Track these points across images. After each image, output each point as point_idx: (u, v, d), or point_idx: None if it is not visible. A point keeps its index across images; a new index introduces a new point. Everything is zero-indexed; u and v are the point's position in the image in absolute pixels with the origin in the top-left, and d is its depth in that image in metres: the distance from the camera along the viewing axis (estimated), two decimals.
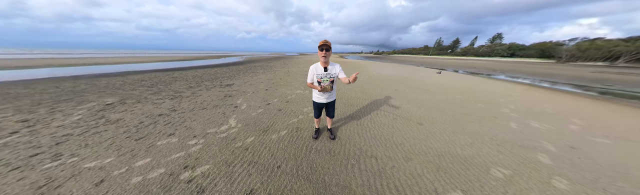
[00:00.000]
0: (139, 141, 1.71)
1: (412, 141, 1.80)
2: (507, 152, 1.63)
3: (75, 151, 1.54)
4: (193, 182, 1.21)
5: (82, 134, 1.83)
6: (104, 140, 1.73)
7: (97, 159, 1.44)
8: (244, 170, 1.35)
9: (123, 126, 2.04)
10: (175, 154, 1.51)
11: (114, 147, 1.61)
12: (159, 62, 12.39)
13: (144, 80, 5.06)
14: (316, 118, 1.73)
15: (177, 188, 1.16)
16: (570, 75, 9.58)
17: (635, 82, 7.40)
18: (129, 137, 1.80)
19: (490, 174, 1.34)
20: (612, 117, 2.80)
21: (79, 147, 1.59)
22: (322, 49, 1.24)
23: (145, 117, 2.31)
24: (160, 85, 4.38)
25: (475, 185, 1.22)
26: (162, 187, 1.17)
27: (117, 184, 1.18)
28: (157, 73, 6.76)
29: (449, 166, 1.42)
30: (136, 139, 1.75)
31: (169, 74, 6.59)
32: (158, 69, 8.48)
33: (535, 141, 1.87)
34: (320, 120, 1.79)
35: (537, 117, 2.62)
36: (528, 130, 2.14)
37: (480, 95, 3.93)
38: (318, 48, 1.26)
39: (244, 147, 1.63)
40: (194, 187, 1.17)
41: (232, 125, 2.10)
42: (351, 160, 1.48)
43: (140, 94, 3.54)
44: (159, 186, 1.17)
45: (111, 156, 1.47)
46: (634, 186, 1.25)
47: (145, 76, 5.87)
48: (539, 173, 1.36)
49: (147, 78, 5.51)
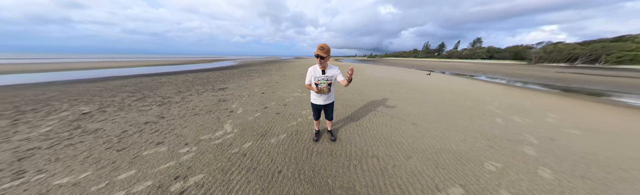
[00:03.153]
0: (121, 152, 1.56)
1: (410, 140, 1.84)
2: (497, 146, 1.73)
3: (43, 167, 1.35)
4: (185, 194, 1.11)
5: (52, 147, 1.63)
6: (79, 152, 1.55)
7: (70, 174, 1.28)
8: (242, 177, 1.27)
9: (102, 136, 1.86)
10: (165, 164, 1.40)
11: (92, 160, 1.45)
12: (145, 67, 11.74)
13: (126, 86, 4.72)
14: (315, 120, 1.72)
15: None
16: (539, 75, 10.64)
17: (588, 81, 8.47)
18: (109, 148, 1.63)
19: (484, 168, 1.40)
20: (579, 111, 3.15)
21: (47, 162, 1.41)
22: (317, 57, 1.23)
23: (129, 126, 2.13)
24: (145, 91, 4.12)
25: (471, 179, 1.27)
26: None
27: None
28: (142, 78, 6.38)
29: (446, 162, 1.46)
30: (118, 150, 1.60)
31: (156, 78, 6.25)
32: (143, 73, 8.01)
33: (519, 135, 2.02)
34: (319, 122, 1.79)
35: (518, 113, 2.84)
36: (512, 125, 2.31)
37: (468, 95, 4.17)
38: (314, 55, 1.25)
39: (242, 153, 1.56)
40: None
41: (227, 130, 2.00)
42: (353, 161, 1.46)
43: (122, 100, 3.29)
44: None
45: (88, 170, 1.32)
46: (605, 171, 1.39)
47: (128, 81, 5.50)
48: (526, 164, 1.45)
49: (130, 83, 5.16)
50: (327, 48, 1.21)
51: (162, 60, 21.89)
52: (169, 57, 35.19)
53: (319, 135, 1.82)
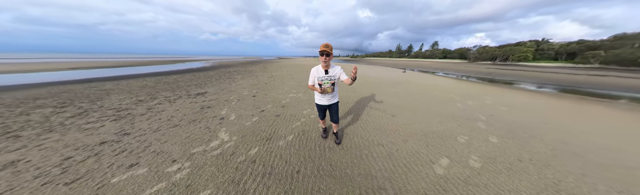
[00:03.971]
0: (72, 185, 1.17)
1: (403, 127, 2.15)
2: (462, 125, 2.25)
3: None
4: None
5: None
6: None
7: None
8: (258, 184, 1.19)
9: (28, 170, 1.33)
10: (152, 188, 1.14)
11: None
12: (70, 71, 8.73)
13: (43, 98, 3.42)
14: (321, 119, 1.71)
15: None
16: (476, 70, 14.16)
17: (503, 74, 11.84)
18: (48, 183, 1.19)
19: (458, 141, 1.81)
20: (502, 94, 4.45)
21: None
22: (322, 54, 1.26)
23: (73, 151, 1.59)
24: (82, 103, 3.11)
25: (452, 151, 1.61)
26: None
27: None
28: (70, 85, 4.77)
29: (433, 141, 1.80)
30: (66, 183, 1.19)
31: (94, 85, 4.78)
32: (69, 80, 5.85)
33: (473, 114, 2.70)
34: (325, 120, 1.76)
35: (470, 98, 3.81)
36: (468, 107, 3.08)
37: (435, 87, 5.28)
38: (319, 53, 1.28)
39: (250, 160, 1.44)
40: None
41: (224, 139, 1.78)
42: (364, 150, 1.60)
43: (45, 119, 2.38)
44: None
45: None
46: (528, 134, 2.02)
47: (44, 91, 3.99)
48: (481, 135, 1.97)
49: (49, 94, 3.77)
50: (330, 46, 1.29)
51: (100, 61, 16.57)
52: (110, 57, 27.19)
53: (328, 132, 1.84)
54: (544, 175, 1.30)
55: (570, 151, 1.65)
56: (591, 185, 1.21)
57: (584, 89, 6.06)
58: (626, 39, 30.94)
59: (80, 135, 1.91)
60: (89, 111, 2.69)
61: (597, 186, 1.21)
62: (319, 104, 1.56)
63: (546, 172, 1.34)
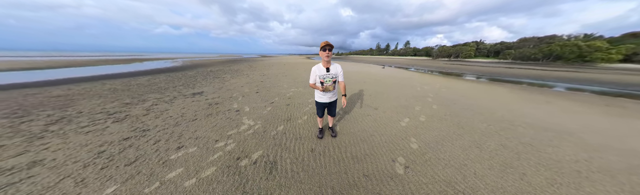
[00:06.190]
0: (132, 166, 1.37)
1: (386, 103, 3.18)
2: (419, 101, 3.35)
3: None
4: (257, 164, 1.41)
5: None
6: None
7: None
8: (296, 142, 1.71)
9: (66, 164, 1.42)
10: (213, 156, 1.49)
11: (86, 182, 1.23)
12: None
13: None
14: (320, 117, 1.74)
15: (246, 170, 1.32)
16: (437, 65, 17.65)
17: (454, 68, 15.18)
18: (105, 167, 1.37)
19: (415, 109, 2.81)
20: (448, 82, 6.19)
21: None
22: (325, 49, 1.28)
23: (98, 147, 1.65)
24: (44, 111, 2.66)
25: (412, 115, 2.53)
26: (230, 173, 1.28)
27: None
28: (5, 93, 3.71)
29: (402, 110, 2.72)
30: (127, 164, 1.39)
31: (35, 92, 3.79)
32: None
33: (426, 95, 3.89)
34: (323, 119, 1.83)
35: (426, 84, 5.30)
36: (424, 91, 4.35)
37: (407, 79, 6.75)
38: (320, 48, 1.31)
39: (282, 132, 1.92)
40: (261, 166, 1.38)
41: (251, 124, 2.15)
42: (358, 118, 2.31)
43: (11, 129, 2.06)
44: (227, 174, 1.27)
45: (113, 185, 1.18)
46: (453, 103, 3.18)
47: None
48: (429, 105, 3.05)
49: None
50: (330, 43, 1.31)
51: (4, 61, 11.72)
52: (10, 55, 19.54)
53: (323, 133, 1.84)
54: (455, 120, 2.35)
55: (468, 109, 2.90)
56: (461, 112, 2.32)
57: (498, 77, 8.76)
58: (526, 41, 43.81)
59: (88, 136, 1.86)
60: (68, 117, 2.44)
61: (461, 113, 2.33)
62: (319, 101, 1.59)
63: (455, 119, 2.42)
